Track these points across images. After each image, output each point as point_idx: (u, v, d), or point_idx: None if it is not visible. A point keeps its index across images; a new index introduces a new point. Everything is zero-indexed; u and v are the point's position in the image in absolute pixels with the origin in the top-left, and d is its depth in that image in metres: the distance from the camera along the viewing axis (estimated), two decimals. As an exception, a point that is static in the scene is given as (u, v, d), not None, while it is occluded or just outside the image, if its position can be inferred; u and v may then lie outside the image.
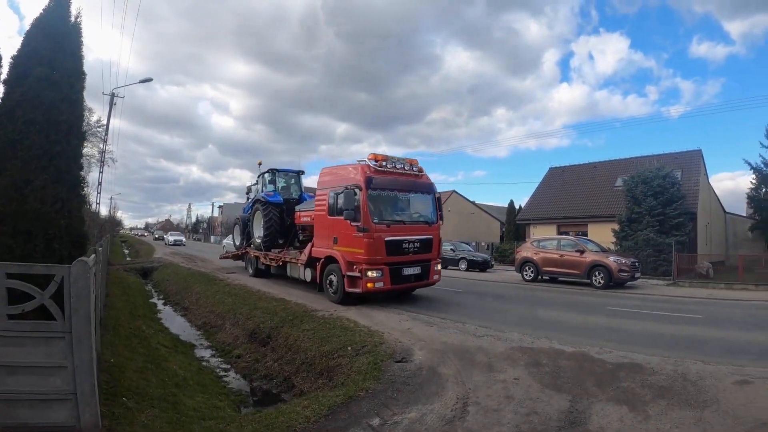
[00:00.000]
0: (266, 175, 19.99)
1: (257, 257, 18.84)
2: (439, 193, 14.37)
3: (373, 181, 12.15)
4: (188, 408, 6.61)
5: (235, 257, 22.47)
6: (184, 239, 62.41)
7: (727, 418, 5.53)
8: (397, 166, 13.08)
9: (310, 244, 14.28)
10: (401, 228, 12.59)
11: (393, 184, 12.79)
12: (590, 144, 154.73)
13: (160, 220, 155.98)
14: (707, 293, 17.90)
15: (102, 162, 29.79)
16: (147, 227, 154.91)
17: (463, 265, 28.80)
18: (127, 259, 37.03)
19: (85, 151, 11.14)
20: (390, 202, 12.80)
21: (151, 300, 18.69)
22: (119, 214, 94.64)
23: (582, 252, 19.56)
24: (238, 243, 21.89)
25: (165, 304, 18.30)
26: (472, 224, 49.93)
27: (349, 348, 8.44)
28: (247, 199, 21.80)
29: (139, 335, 10.51)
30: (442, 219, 13.95)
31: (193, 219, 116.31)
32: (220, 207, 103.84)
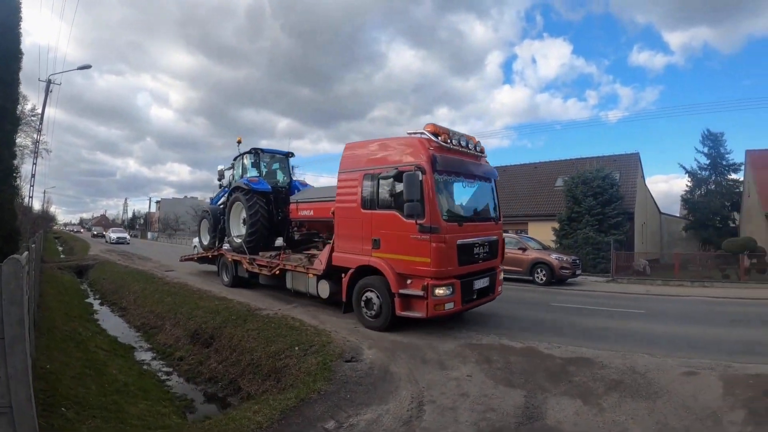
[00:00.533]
0: (248, 156, 15.70)
1: (237, 261, 14.71)
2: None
3: (438, 161, 8.79)
4: (132, 416, 6.18)
5: (202, 260, 18.23)
6: (128, 237, 55.95)
7: (678, 408, 5.69)
8: (462, 144, 9.65)
9: (327, 248, 10.57)
10: (472, 227, 9.56)
11: (460, 167, 9.55)
12: (530, 145, 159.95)
13: (95, 215, 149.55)
14: (645, 289, 18.49)
15: (36, 153, 27.96)
16: (82, 223, 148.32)
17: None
18: (62, 256, 35.05)
19: (17, 141, 10.28)
20: (455, 192, 9.73)
21: (87, 300, 17.55)
22: (53, 209, 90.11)
23: (524, 249, 19.77)
24: (206, 242, 17.26)
25: (102, 304, 17.24)
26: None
27: (297, 348, 8.14)
28: (220, 186, 17.76)
29: (76, 338, 9.85)
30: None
31: (130, 214, 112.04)
32: (157, 202, 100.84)
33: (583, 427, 5.25)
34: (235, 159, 16.49)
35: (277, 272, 12.51)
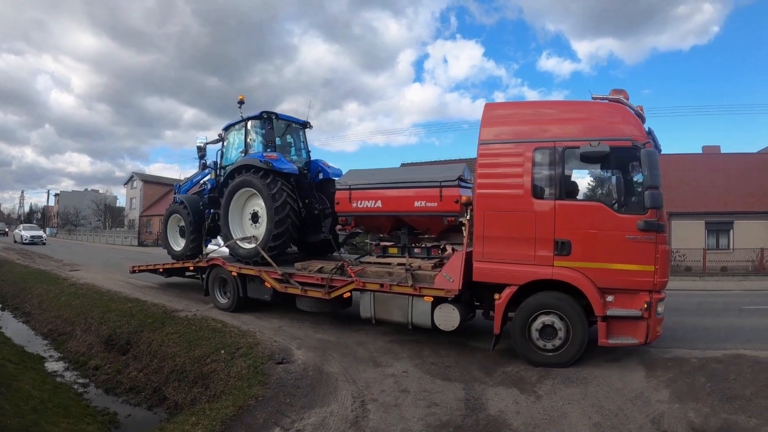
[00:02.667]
0: (256, 122, 11.07)
1: (248, 277, 10.34)
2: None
3: (652, 138, 6.78)
4: (57, 439, 5.64)
5: (171, 272, 13.28)
6: (44, 235, 45.82)
7: (610, 391, 6.03)
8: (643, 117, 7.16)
9: (459, 256, 7.42)
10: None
11: (657, 145, 7.15)
12: (437, 143, 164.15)
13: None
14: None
15: None
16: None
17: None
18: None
19: None
20: None
21: (-18, 306, 16.06)
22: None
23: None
24: (179, 248, 12.67)
25: (2, 309, 15.84)
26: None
27: (222, 351, 7.77)
28: (202, 166, 13.17)
29: (-22, 350, 8.89)
30: None
31: (27, 208, 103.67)
32: (56, 195, 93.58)
33: (525, 416, 5.39)
34: (227, 128, 11.90)
35: (347, 294, 8.59)
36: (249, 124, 11.06)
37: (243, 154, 10.98)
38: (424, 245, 8.75)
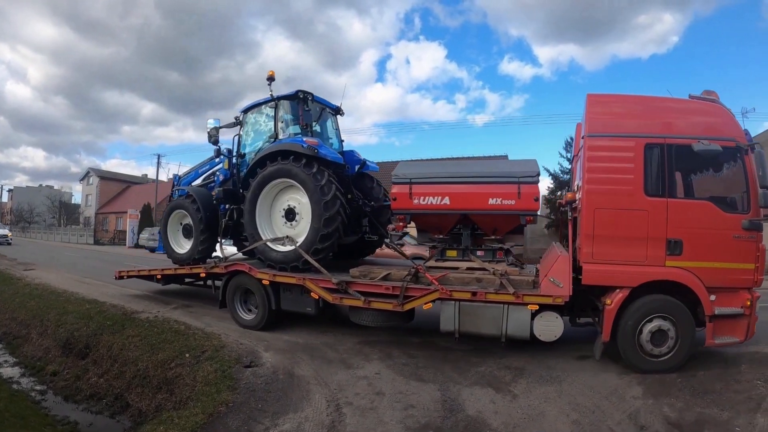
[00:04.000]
0: (288, 103, 9.53)
1: (284, 286, 8.62)
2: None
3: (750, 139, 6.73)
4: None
5: (170, 279, 11.49)
6: (9, 235, 41.44)
7: (584, 388, 6.08)
8: None
9: (565, 259, 6.95)
10: None
11: None
12: (398, 143, 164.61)
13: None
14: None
15: None
16: None
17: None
18: None
19: None
20: None
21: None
22: None
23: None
24: (184, 251, 10.65)
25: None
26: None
27: (187, 355, 7.46)
28: (216, 153, 10.97)
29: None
30: None
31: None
32: (9, 191, 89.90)
33: (503, 416, 5.36)
34: (248, 110, 10.17)
35: (428, 305, 7.34)
36: (282, 106, 9.49)
37: (271, 140, 9.40)
38: (488, 247, 8.10)
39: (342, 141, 10.55)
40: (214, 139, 10.41)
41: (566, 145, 38.64)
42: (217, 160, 10.98)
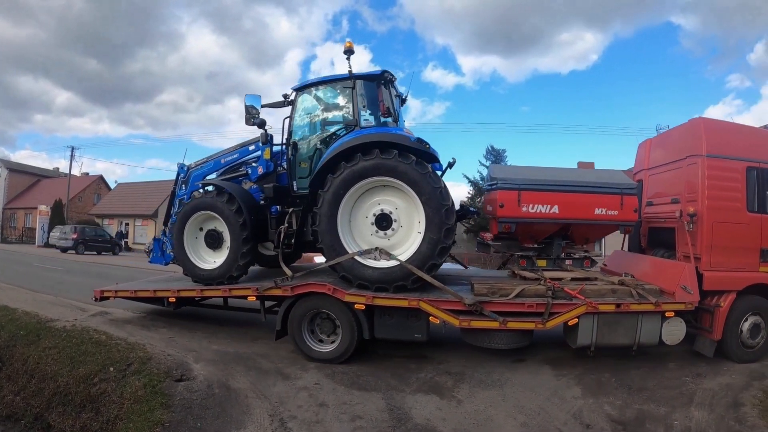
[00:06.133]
0: (368, 85, 8.04)
1: (378, 310, 7.20)
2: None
3: None
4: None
5: (183, 301, 9.15)
6: None
7: (525, 391, 6.21)
8: None
9: (690, 267, 7.32)
10: None
11: None
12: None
13: None
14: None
15: None
16: None
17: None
18: None
19: None
20: None
21: None
22: None
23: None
24: (211, 266, 8.25)
25: None
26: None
27: (111, 369, 6.82)
28: (264, 137, 8.42)
29: None
30: None
31: None
32: None
33: (453, 422, 5.32)
34: (305, 87, 8.43)
35: (573, 321, 6.94)
36: (358, 87, 7.90)
37: (345, 128, 8.02)
38: (577, 256, 8.14)
39: None
40: (254, 120, 8.42)
41: (486, 153, 40.00)
42: (251, 148, 8.96)
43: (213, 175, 9.18)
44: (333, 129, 8.19)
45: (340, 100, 8.22)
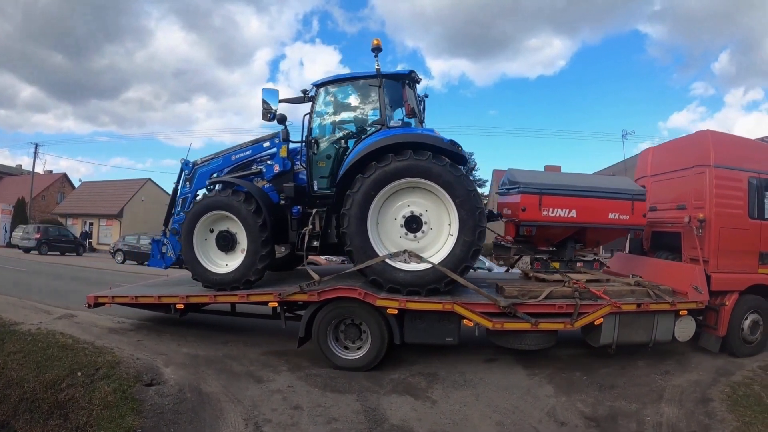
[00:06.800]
0: (392, 84, 7.90)
1: (409, 314, 7.06)
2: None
3: None
4: None
5: (191, 307, 8.69)
6: None
7: (498, 390, 6.30)
8: None
9: (700, 269, 7.86)
10: None
11: None
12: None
13: None
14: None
15: None
16: None
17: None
18: None
19: None
20: None
21: None
22: None
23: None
24: (225, 270, 7.89)
25: None
26: (167, 216, 46.63)
27: (80, 373, 6.64)
28: (284, 134, 8.16)
29: None
30: None
31: None
32: None
33: (428, 423, 5.32)
34: (328, 83, 8.14)
35: (600, 321, 7.16)
36: (385, 83, 7.67)
37: (368, 128, 7.95)
38: (587, 258, 8.52)
39: None
40: (271, 115, 8.08)
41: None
42: (265, 144, 8.59)
43: (222, 173, 8.73)
44: (357, 127, 8.13)
45: (365, 99, 8.08)
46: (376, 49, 7.48)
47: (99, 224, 42.47)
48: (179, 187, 9.02)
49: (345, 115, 8.30)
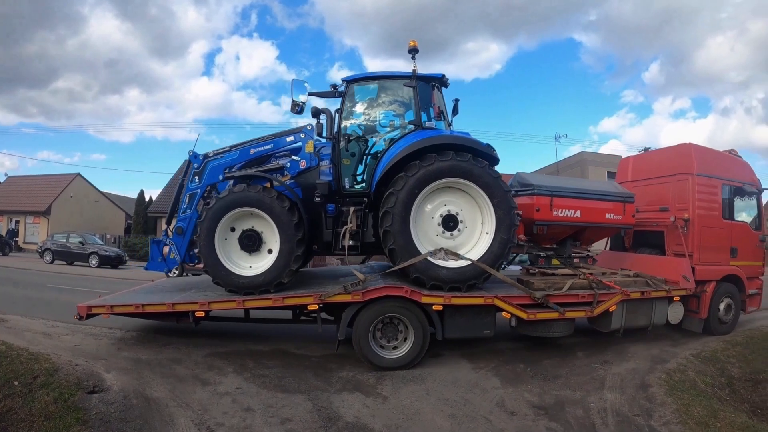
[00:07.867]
0: (424, 86, 8.02)
1: (449, 309, 7.22)
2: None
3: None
4: None
5: (211, 315, 7.87)
6: None
7: (447, 384, 6.49)
8: None
9: (687, 261, 9.08)
10: None
11: None
12: (218, 141, 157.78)
13: None
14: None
15: None
16: None
17: (94, 261, 24.97)
18: None
19: None
20: None
21: None
22: None
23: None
24: (253, 273, 7.45)
25: None
26: (97, 214, 44.00)
27: (16, 383, 6.29)
28: (320, 127, 7.83)
29: None
30: None
31: None
32: None
33: (383, 418, 5.41)
34: (360, 79, 8.15)
35: (613, 308, 7.93)
36: (419, 85, 7.75)
37: (402, 126, 7.95)
38: (583, 254, 9.48)
39: None
40: (299, 107, 7.80)
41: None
42: (288, 139, 8.16)
43: (235, 167, 8.25)
44: (389, 126, 8.14)
45: (398, 98, 8.13)
46: (413, 51, 7.66)
47: (26, 222, 40.00)
48: (186, 182, 8.35)
49: (378, 113, 8.33)
